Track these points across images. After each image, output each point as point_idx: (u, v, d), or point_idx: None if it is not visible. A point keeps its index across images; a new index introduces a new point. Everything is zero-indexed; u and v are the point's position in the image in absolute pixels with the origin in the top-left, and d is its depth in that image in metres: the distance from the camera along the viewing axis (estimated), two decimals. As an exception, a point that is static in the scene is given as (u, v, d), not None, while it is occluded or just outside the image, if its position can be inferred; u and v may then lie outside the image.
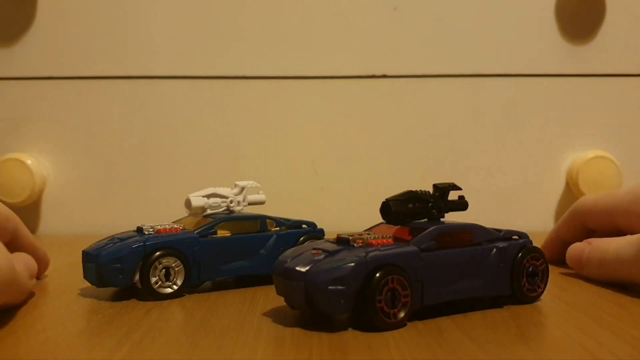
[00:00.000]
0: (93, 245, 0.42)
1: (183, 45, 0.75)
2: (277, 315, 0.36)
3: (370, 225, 0.40)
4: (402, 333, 0.32)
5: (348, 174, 0.76)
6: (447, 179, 0.41)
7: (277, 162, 0.75)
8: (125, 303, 0.39)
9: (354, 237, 0.36)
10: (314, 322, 0.34)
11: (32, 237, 0.44)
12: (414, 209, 0.38)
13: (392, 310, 0.33)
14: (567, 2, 0.76)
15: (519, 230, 0.40)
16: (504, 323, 0.35)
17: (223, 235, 0.44)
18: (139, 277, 0.40)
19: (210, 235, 0.43)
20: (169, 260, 0.41)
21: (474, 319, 0.35)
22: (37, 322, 0.36)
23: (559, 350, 0.31)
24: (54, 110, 0.75)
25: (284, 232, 0.46)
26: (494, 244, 0.38)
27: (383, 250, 0.34)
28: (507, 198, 0.76)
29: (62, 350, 0.31)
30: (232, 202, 0.47)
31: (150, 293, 0.40)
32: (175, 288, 0.41)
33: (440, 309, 0.36)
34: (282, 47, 0.75)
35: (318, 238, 0.45)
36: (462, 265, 0.36)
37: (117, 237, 0.42)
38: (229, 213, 0.46)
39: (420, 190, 0.38)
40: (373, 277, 0.33)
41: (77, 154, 0.75)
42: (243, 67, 0.75)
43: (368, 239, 0.35)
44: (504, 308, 0.37)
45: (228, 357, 0.29)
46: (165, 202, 0.70)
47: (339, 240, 0.36)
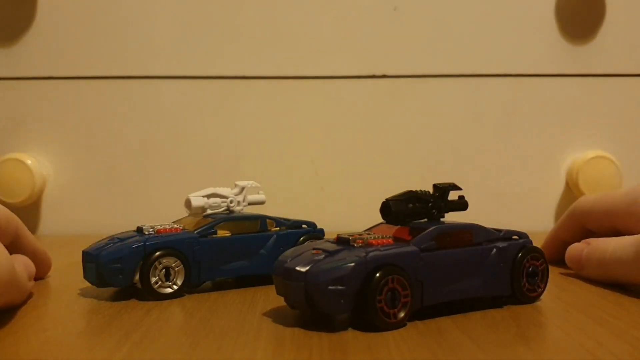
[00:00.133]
0: (93, 245, 0.42)
1: (183, 45, 0.75)
2: (277, 315, 0.36)
3: (370, 225, 0.40)
4: (402, 333, 0.32)
5: (348, 174, 0.76)
6: (447, 179, 0.41)
7: (277, 162, 0.75)
8: (125, 303, 0.39)
9: (354, 237, 0.36)
10: (314, 322, 0.34)
11: (33, 238, 0.44)
12: (414, 209, 0.38)
13: (392, 310, 0.33)
14: (567, 2, 0.76)
15: (519, 230, 0.40)
16: (504, 323, 0.35)
17: (223, 235, 0.44)
18: (139, 277, 0.40)
19: (210, 235, 0.43)
20: (169, 260, 0.41)
21: (474, 319, 0.35)
22: (37, 322, 0.36)
23: (559, 350, 0.31)
24: (54, 110, 0.75)
25: (284, 232, 0.46)
26: (494, 244, 0.38)
27: (383, 250, 0.34)
28: (507, 198, 0.76)
29: (62, 350, 0.31)
30: (232, 202, 0.47)
31: (150, 293, 0.40)
32: (175, 288, 0.41)
33: (440, 309, 0.36)
34: (282, 47, 0.75)
35: (318, 238, 0.45)
36: (462, 265, 0.36)
37: (117, 237, 0.42)
38: (229, 213, 0.46)
39: (420, 190, 0.38)
40: (373, 277, 0.33)
41: (77, 154, 0.75)
42: (243, 67, 0.75)
43: (368, 239, 0.35)
44: (504, 308, 0.37)
45: (228, 357, 0.29)
46: (165, 202, 0.70)
47: (339, 240, 0.36)
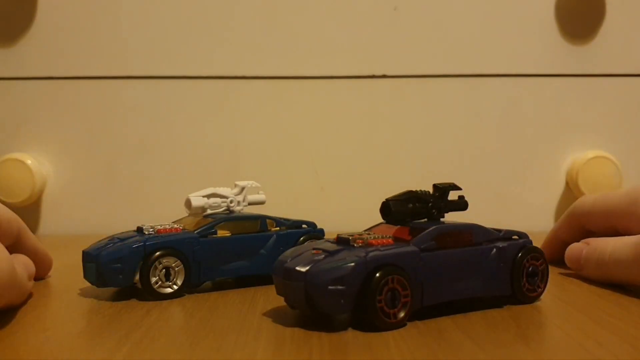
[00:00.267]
0: (93, 245, 0.42)
1: (183, 45, 0.75)
2: (277, 315, 0.36)
3: (370, 225, 0.40)
4: (402, 333, 0.32)
5: (348, 174, 0.76)
6: (447, 179, 0.41)
7: (277, 162, 0.75)
8: (125, 303, 0.39)
9: (354, 237, 0.36)
10: (314, 322, 0.34)
11: (34, 238, 0.44)
12: (414, 209, 0.38)
13: (392, 310, 0.33)
14: (567, 2, 0.76)
15: (519, 230, 0.40)
16: (504, 323, 0.35)
17: (223, 235, 0.44)
18: (139, 277, 0.40)
19: (210, 235, 0.43)
20: (169, 260, 0.41)
21: (474, 319, 0.35)
22: (37, 322, 0.36)
23: (559, 350, 0.31)
24: (54, 110, 0.75)
25: (284, 232, 0.46)
26: (494, 244, 0.38)
27: (383, 250, 0.34)
28: (507, 198, 0.76)
29: (62, 350, 0.31)
30: (232, 202, 0.47)
31: (150, 293, 0.40)
32: (175, 288, 0.41)
33: (440, 309, 0.36)
34: (282, 47, 0.75)
35: (318, 238, 0.45)
36: (462, 265, 0.36)
37: (117, 237, 0.42)
38: (229, 213, 0.46)
39: (420, 190, 0.38)
40: (373, 277, 0.33)
41: (77, 154, 0.75)
42: (243, 67, 0.75)
43: (368, 239, 0.35)
44: (504, 308, 0.37)
45: (228, 357, 0.29)
46: (165, 202, 0.70)
47: (339, 240, 0.36)
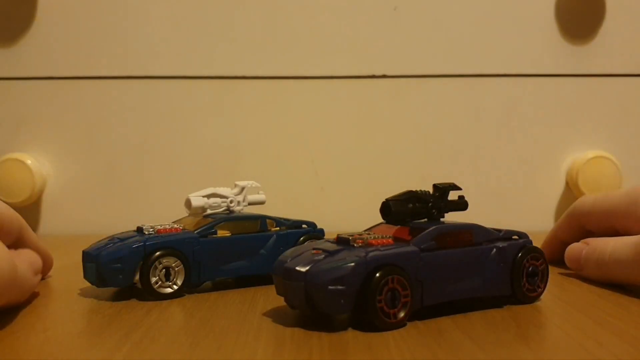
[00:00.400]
0: (93, 245, 0.42)
1: (183, 45, 0.75)
2: (277, 315, 0.36)
3: (370, 225, 0.40)
4: (402, 333, 0.32)
5: (348, 174, 0.76)
6: (447, 179, 0.41)
7: (277, 162, 0.75)
8: (125, 303, 0.39)
9: (354, 237, 0.36)
10: (314, 322, 0.34)
11: (36, 237, 0.44)
12: (414, 209, 0.38)
13: (392, 310, 0.33)
14: (567, 2, 0.76)
15: (519, 230, 0.40)
16: (504, 323, 0.35)
17: (223, 235, 0.44)
18: (139, 277, 0.40)
19: (210, 235, 0.43)
20: (169, 260, 0.41)
21: (474, 319, 0.35)
22: (37, 322, 0.36)
23: (559, 350, 0.31)
24: (54, 110, 0.75)
25: (284, 232, 0.46)
26: (494, 244, 0.38)
27: (383, 250, 0.34)
28: (507, 198, 0.76)
29: (62, 350, 0.31)
30: (232, 202, 0.47)
31: (150, 293, 0.40)
32: (175, 288, 0.41)
33: (440, 309, 0.36)
34: (282, 47, 0.75)
35: (318, 238, 0.45)
36: (462, 265, 0.36)
37: (117, 237, 0.42)
38: (229, 213, 0.46)
39: (420, 190, 0.38)
40: (373, 277, 0.33)
41: (77, 154, 0.75)
42: (243, 67, 0.75)
43: (368, 239, 0.35)
44: (504, 308, 0.37)
45: (228, 357, 0.29)
46: (165, 202, 0.70)
47: (339, 240, 0.36)
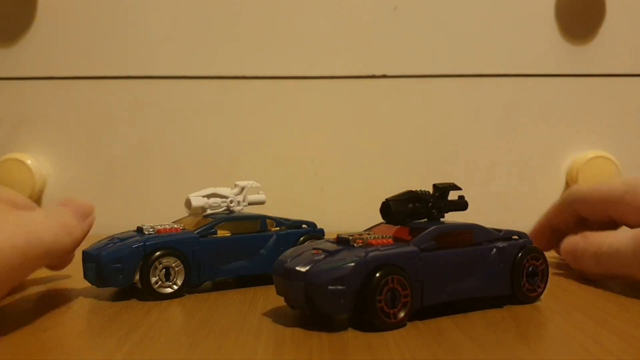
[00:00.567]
0: (93, 245, 0.42)
1: (183, 46, 0.75)
2: (277, 315, 0.36)
3: (370, 225, 0.40)
4: (402, 333, 0.32)
5: (348, 174, 0.76)
6: (447, 179, 0.41)
7: (277, 162, 0.75)
8: (125, 303, 0.39)
9: (354, 237, 0.36)
10: (314, 322, 0.34)
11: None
12: (414, 209, 0.38)
13: (392, 310, 0.33)
14: (567, 2, 0.76)
15: (519, 230, 0.40)
16: (504, 323, 0.35)
17: (223, 235, 0.44)
18: (139, 277, 0.40)
19: (210, 235, 0.43)
20: (169, 260, 0.41)
21: (474, 319, 0.35)
22: (37, 322, 0.36)
23: (559, 350, 0.31)
24: (54, 110, 0.75)
25: (284, 232, 0.46)
26: (494, 244, 0.38)
27: (383, 250, 0.34)
28: (507, 198, 0.76)
29: (62, 351, 0.31)
30: (232, 202, 0.47)
31: (150, 293, 0.40)
32: (175, 288, 0.41)
33: (440, 309, 0.36)
34: (282, 47, 0.75)
35: (318, 238, 0.45)
36: (462, 265, 0.36)
37: (117, 237, 0.42)
38: (229, 213, 0.46)
39: (420, 190, 0.38)
40: (373, 277, 0.33)
41: (77, 154, 0.75)
42: (243, 67, 0.75)
43: (368, 239, 0.35)
44: (504, 308, 0.37)
45: (228, 357, 0.29)
46: (165, 202, 0.70)
47: (339, 240, 0.36)
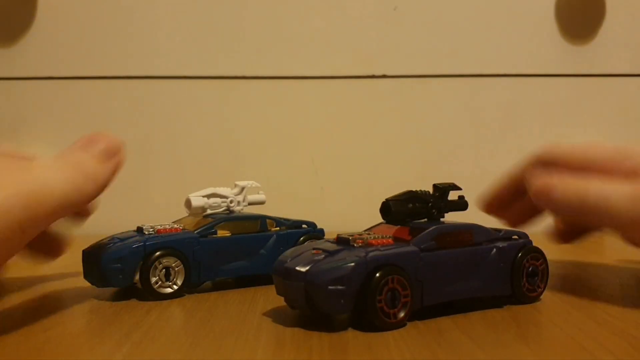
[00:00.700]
0: (93, 245, 0.42)
1: (183, 46, 0.75)
2: (277, 315, 0.36)
3: (370, 225, 0.40)
4: (402, 333, 0.32)
5: (348, 174, 0.76)
6: (446, 179, 0.41)
7: (277, 162, 0.75)
8: (125, 303, 0.39)
9: (354, 237, 0.36)
10: (314, 322, 0.34)
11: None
12: (414, 209, 0.38)
13: (392, 310, 0.33)
14: (567, 2, 0.76)
15: (519, 230, 0.40)
16: (504, 323, 0.35)
17: (223, 235, 0.44)
18: (139, 277, 0.40)
19: (210, 235, 0.43)
20: (169, 260, 0.41)
21: (474, 319, 0.35)
22: (37, 322, 0.36)
23: (559, 350, 0.31)
24: (54, 110, 0.75)
25: (284, 232, 0.46)
26: (494, 244, 0.38)
27: (383, 250, 0.34)
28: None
29: (62, 350, 0.31)
30: (232, 202, 0.47)
31: (150, 293, 0.40)
32: (175, 288, 0.41)
33: (440, 309, 0.36)
34: (282, 47, 0.75)
35: (318, 238, 0.45)
36: (462, 265, 0.36)
37: (117, 237, 0.42)
38: (229, 213, 0.46)
39: (420, 190, 0.38)
40: (373, 277, 0.33)
41: (77, 154, 0.75)
42: (243, 67, 0.75)
43: (368, 239, 0.35)
44: (504, 308, 0.37)
45: (228, 357, 0.29)
46: (165, 202, 0.70)
47: (339, 240, 0.36)
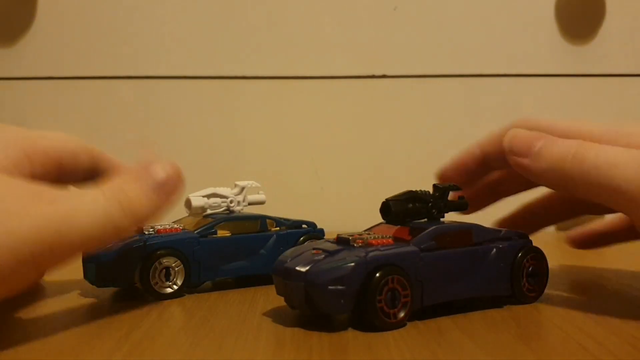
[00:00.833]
0: (93, 245, 0.42)
1: (183, 46, 0.75)
2: (277, 315, 0.36)
3: (370, 225, 0.40)
4: (402, 333, 0.32)
5: (348, 174, 0.76)
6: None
7: (277, 162, 0.75)
8: (125, 303, 0.39)
9: (354, 237, 0.36)
10: (314, 322, 0.34)
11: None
12: (414, 209, 0.38)
13: (392, 310, 0.33)
14: (567, 2, 0.76)
15: (519, 230, 0.40)
16: (504, 323, 0.35)
17: (223, 235, 0.44)
18: (139, 277, 0.40)
19: (210, 235, 0.43)
20: (169, 260, 0.41)
21: (474, 319, 0.35)
22: (37, 322, 0.36)
23: (559, 350, 0.31)
24: (54, 110, 0.75)
25: (284, 232, 0.46)
26: (494, 244, 0.38)
27: (383, 250, 0.34)
28: (507, 198, 0.76)
29: (62, 350, 0.31)
30: (232, 202, 0.47)
31: (150, 293, 0.40)
32: (175, 288, 0.41)
33: (440, 309, 0.36)
34: (282, 47, 0.75)
35: (318, 238, 0.45)
36: (462, 265, 0.36)
37: (117, 237, 0.42)
38: (229, 213, 0.46)
39: (420, 190, 0.38)
40: (373, 277, 0.33)
41: (77, 154, 0.75)
42: (243, 67, 0.75)
43: (368, 239, 0.35)
44: (504, 308, 0.37)
45: (228, 357, 0.29)
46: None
47: (339, 240, 0.36)
